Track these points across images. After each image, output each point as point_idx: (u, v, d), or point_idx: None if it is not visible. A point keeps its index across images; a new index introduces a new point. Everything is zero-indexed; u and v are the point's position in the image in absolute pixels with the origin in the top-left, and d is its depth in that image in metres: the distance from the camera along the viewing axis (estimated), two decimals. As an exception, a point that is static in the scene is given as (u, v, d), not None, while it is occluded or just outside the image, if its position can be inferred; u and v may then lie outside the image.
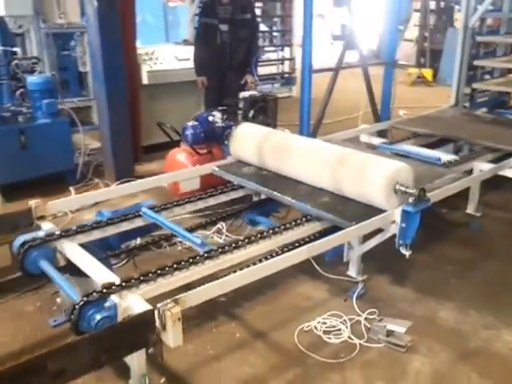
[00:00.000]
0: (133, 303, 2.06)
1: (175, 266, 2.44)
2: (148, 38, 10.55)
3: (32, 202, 2.91)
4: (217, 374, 2.56)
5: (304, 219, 2.96)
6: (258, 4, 10.92)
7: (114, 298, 2.12)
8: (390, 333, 2.78)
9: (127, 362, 2.28)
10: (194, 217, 3.84)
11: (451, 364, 2.65)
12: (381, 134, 5.18)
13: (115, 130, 4.98)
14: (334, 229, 2.79)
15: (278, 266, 2.47)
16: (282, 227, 2.86)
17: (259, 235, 2.76)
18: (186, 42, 6.87)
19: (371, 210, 2.89)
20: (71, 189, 4.85)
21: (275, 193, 3.16)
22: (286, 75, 9.80)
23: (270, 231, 2.81)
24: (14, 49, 5.83)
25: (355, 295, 3.12)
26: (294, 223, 2.92)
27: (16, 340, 2.76)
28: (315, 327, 2.87)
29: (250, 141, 3.60)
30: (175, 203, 3.19)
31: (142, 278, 2.31)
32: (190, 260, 2.49)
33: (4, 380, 1.64)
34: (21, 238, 2.69)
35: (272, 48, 10.87)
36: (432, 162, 3.83)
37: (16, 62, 5.27)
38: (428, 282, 3.38)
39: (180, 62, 6.01)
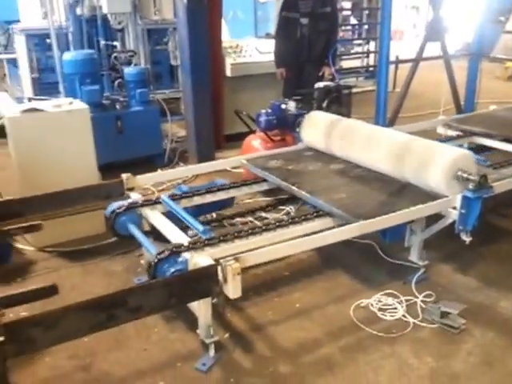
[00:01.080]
0: (200, 260, 2.36)
1: (236, 234, 2.74)
2: (238, 32, 11.00)
3: (124, 175, 3.34)
4: (275, 335, 2.82)
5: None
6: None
7: (185, 254, 2.44)
8: (444, 314, 2.86)
9: (195, 314, 2.62)
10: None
11: (504, 349, 2.70)
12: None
13: (198, 118, 5.38)
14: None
15: (333, 237, 2.66)
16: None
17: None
18: (268, 36, 7.15)
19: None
20: (159, 170, 5.31)
21: (293, 187, 3.25)
22: (371, 68, 9.81)
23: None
24: (114, 43, 6.43)
25: (414, 279, 3.24)
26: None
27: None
28: (371, 304, 3.04)
29: (319, 127, 3.81)
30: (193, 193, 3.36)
31: (207, 241, 2.63)
32: (249, 231, 2.79)
33: (93, 307, 2.01)
34: (113, 205, 3.11)
35: (359, 41, 10.91)
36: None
37: (115, 54, 5.84)
38: (492, 274, 3.39)
39: (262, 54, 6.31)
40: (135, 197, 3.23)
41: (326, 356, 2.65)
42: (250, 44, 6.50)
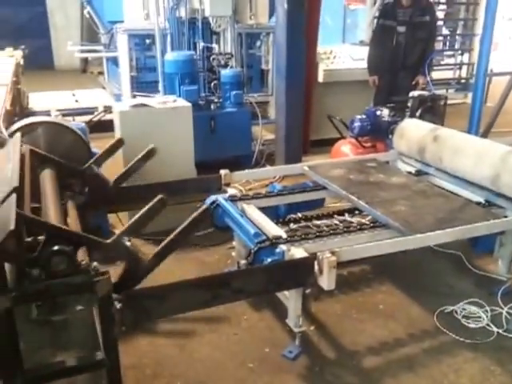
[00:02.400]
0: (297, 252, 2.52)
1: (331, 231, 2.91)
2: (325, 38, 11.10)
3: (222, 171, 3.57)
4: (359, 332, 2.94)
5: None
6: (441, 7, 10.79)
7: (282, 246, 2.61)
8: (530, 326, 2.87)
9: (285, 304, 2.78)
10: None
11: None
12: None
13: (289, 121, 5.54)
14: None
15: (427, 240, 2.74)
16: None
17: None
18: (362, 43, 7.22)
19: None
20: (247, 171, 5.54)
21: (352, 196, 3.27)
22: (463, 81, 9.58)
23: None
24: (212, 45, 6.75)
25: (501, 291, 3.23)
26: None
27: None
28: (455, 311, 3.08)
29: (412, 135, 3.87)
30: (260, 195, 3.47)
31: (304, 236, 2.80)
32: (345, 229, 2.95)
33: (201, 285, 2.23)
34: (211, 198, 3.35)
35: (450, 52, 10.66)
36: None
37: (213, 56, 6.15)
38: None
39: (355, 61, 6.40)
40: (232, 191, 3.45)
41: (409, 356, 2.74)
42: (343, 51, 6.61)
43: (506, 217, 3.06)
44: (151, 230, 4.00)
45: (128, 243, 2.23)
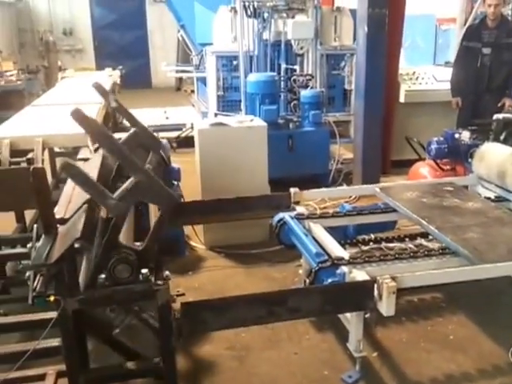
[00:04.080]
0: (358, 274, 2.49)
1: (397, 255, 2.84)
2: (416, 59, 10.86)
3: (292, 189, 3.61)
4: (424, 363, 2.82)
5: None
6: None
7: (343, 268, 2.59)
8: None
9: (347, 327, 2.74)
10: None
11: None
12: None
13: (367, 141, 5.48)
14: None
15: (498, 271, 2.57)
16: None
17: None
18: (447, 64, 7.00)
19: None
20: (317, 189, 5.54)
21: (422, 220, 3.14)
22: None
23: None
24: (294, 67, 6.86)
25: None
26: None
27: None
28: (531, 347, 2.87)
29: (493, 159, 3.69)
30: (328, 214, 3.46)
31: (367, 258, 2.75)
32: (410, 254, 2.87)
33: (258, 301, 2.27)
34: (280, 215, 3.39)
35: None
36: None
37: (294, 77, 6.25)
38: None
39: (438, 82, 6.22)
40: (300, 210, 3.47)
41: (476, 392, 2.59)
42: (427, 71, 6.47)
43: None
44: (222, 244, 4.17)
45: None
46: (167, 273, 2.21)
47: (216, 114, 6.90)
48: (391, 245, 3.33)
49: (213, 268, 3.95)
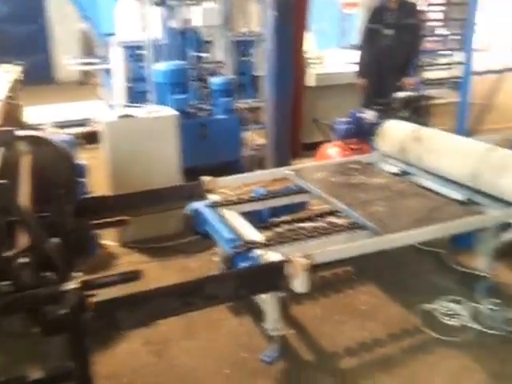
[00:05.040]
0: (272, 256, 2.54)
1: (309, 234, 2.92)
2: (322, 43, 11.13)
3: (203, 178, 3.60)
4: (339, 334, 2.95)
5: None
6: (439, 8, 10.79)
7: (258, 251, 2.63)
8: (508, 321, 2.89)
9: (263, 308, 2.80)
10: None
11: None
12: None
13: (278, 126, 5.57)
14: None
15: (402, 240, 2.73)
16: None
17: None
18: (352, 47, 7.25)
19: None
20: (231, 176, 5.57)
21: (331, 199, 3.27)
22: (456, 80, 9.54)
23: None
24: (203, 54, 6.81)
25: (481, 287, 3.22)
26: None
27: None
28: (436, 309, 3.09)
29: (394, 136, 3.89)
30: (242, 200, 3.50)
31: (281, 240, 2.82)
32: (322, 232, 2.96)
33: (173, 293, 2.25)
34: (193, 205, 3.38)
35: (446, 52, 10.65)
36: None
37: (203, 65, 6.21)
38: None
39: (344, 65, 6.43)
40: (214, 198, 3.48)
41: (387, 355, 2.76)
42: (332, 55, 6.65)
43: (485, 214, 3.07)
44: (135, 239, 4.09)
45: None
46: (77, 273, 2.13)
47: (125, 106, 6.71)
48: (304, 225, 3.42)
49: (126, 265, 3.84)
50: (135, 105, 6.09)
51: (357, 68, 5.87)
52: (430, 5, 9.15)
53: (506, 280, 3.40)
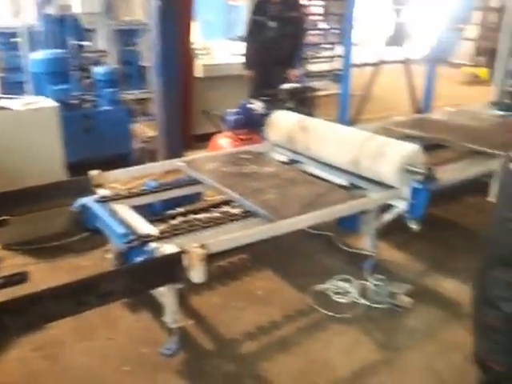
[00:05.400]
0: (167, 248, 2.51)
1: (204, 225, 2.93)
2: (209, 34, 11.13)
3: (91, 172, 3.46)
4: (237, 320, 3.01)
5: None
6: (319, 2, 11.26)
7: (152, 244, 2.59)
8: (392, 295, 3.14)
9: (162, 301, 2.77)
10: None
11: (445, 324, 2.99)
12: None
13: (168, 117, 5.50)
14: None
15: (293, 225, 2.81)
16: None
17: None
18: (238, 38, 7.34)
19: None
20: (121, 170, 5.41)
21: (225, 189, 3.31)
22: (337, 72, 10.05)
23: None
24: (85, 43, 6.49)
25: (367, 265, 3.45)
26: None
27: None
28: (327, 289, 3.27)
29: (282, 126, 4.01)
30: (133, 193, 3.44)
31: (176, 231, 2.80)
32: (217, 221, 3.00)
33: (64, 293, 2.14)
34: (81, 200, 3.23)
35: (327, 45, 11.17)
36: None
37: (85, 54, 5.93)
38: (437, 259, 3.70)
39: (232, 56, 6.49)
40: (103, 192, 3.35)
41: (284, 336, 2.86)
42: (220, 46, 6.68)
43: (367, 197, 3.28)
44: (18, 240, 3.82)
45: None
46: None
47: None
48: (198, 216, 3.42)
49: (10, 268, 3.53)
50: (10, 96, 5.68)
51: (243, 59, 5.97)
52: (309, -1, 9.53)
53: (388, 257, 3.68)
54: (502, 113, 5.56)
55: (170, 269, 2.42)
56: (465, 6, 13.29)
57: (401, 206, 3.24)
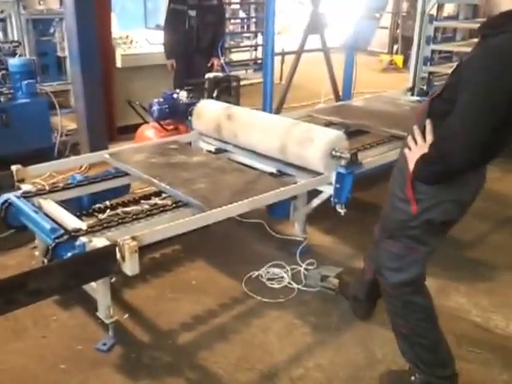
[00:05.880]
0: (98, 242, 2.47)
1: (135, 217, 2.91)
2: (128, 24, 10.84)
3: (13, 167, 3.31)
4: (173, 311, 3.01)
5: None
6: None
7: (83, 238, 2.53)
8: (324, 278, 3.24)
9: (95, 297, 2.72)
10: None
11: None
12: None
13: (89, 109, 5.35)
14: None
15: (224, 214, 2.83)
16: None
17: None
18: (158, 27, 7.22)
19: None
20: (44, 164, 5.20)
21: (154, 180, 3.27)
22: (259, 61, 10.16)
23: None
24: (-4, 33, 6.15)
25: (299, 250, 3.57)
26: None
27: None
28: (260, 275, 3.34)
29: (209, 115, 4.02)
30: (59, 188, 3.34)
31: (106, 225, 2.75)
32: (148, 213, 3.00)
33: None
34: (3, 196, 3.09)
35: (247, 34, 11.24)
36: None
37: (-3, 45, 5.61)
38: (364, 241, 3.80)
39: (152, 46, 6.38)
40: (27, 187, 3.23)
41: (221, 324, 2.90)
42: (140, 35, 6.54)
43: (295, 183, 3.37)
44: None
45: None
46: None
47: None
48: (128, 208, 3.37)
49: None
50: None
51: (164, 49, 5.90)
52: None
53: (317, 241, 3.81)
54: (417, 98, 5.88)
55: (102, 262, 2.38)
56: (381, -5, 13.89)
57: (328, 191, 3.36)
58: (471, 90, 1.87)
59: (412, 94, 6.08)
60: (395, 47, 12.99)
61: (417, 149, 2.07)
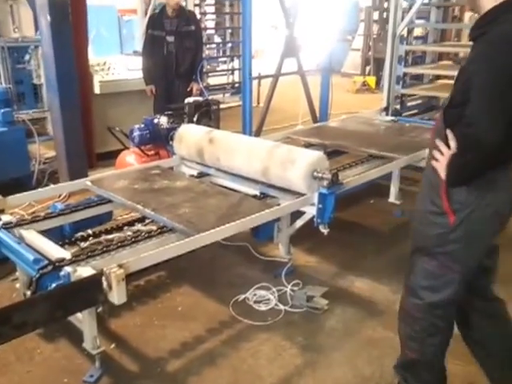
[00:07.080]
0: (84, 271, 2.44)
1: (119, 244, 2.88)
2: (103, 50, 10.88)
3: (-10, 197, 3.26)
4: (161, 338, 2.96)
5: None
6: (211, 16, 11.43)
7: (67, 268, 2.49)
8: (310, 298, 3.25)
9: (80, 327, 2.67)
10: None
11: (360, 322, 3.14)
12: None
13: (68, 136, 5.30)
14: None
15: (210, 238, 2.82)
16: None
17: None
18: (136, 53, 7.26)
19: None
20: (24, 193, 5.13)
21: (137, 206, 3.25)
22: (236, 85, 10.27)
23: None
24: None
25: (284, 272, 3.58)
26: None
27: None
28: (247, 298, 3.32)
29: (190, 140, 4.03)
30: (40, 217, 3.29)
31: (90, 253, 2.72)
32: (132, 240, 2.97)
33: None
34: (-18, 229, 3.03)
35: (223, 59, 11.36)
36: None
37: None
38: (348, 260, 3.88)
39: (130, 72, 6.40)
40: (6, 218, 3.17)
41: (209, 350, 2.87)
42: (117, 61, 6.56)
43: (278, 205, 3.39)
44: None
45: None
46: None
47: None
48: (111, 236, 3.33)
49: None
50: None
51: (143, 75, 5.93)
52: (202, 14, 9.65)
53: (302, 262, 3.82)
54: (392, 118, 6.00)
55: (89, 292, 2.35)
56: (351, 18, 14.26)
57: (310, 211, 3.38)
58: (482, 76, 1.89)
59: (387, 114, 6.19)
60: (368, 68, 13.28)
61: (444, 157, 2.04)
